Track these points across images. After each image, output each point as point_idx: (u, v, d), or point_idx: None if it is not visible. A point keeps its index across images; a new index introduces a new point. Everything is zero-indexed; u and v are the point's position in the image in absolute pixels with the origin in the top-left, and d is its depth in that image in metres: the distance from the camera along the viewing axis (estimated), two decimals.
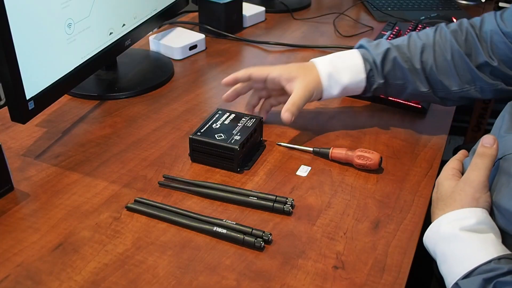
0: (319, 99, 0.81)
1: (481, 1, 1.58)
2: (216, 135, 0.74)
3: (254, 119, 0.78)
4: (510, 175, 0.58)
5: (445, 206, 0.61)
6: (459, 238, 0.56)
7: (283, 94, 0.82)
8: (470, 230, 0.56)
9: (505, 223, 0.58)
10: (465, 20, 0.80)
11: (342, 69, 0.79)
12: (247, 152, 0.76)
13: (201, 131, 0.75)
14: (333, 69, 0.79)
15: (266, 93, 0.85)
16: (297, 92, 0.77)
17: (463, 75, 0.77)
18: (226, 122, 0.78)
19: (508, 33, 0.73)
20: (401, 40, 0.82)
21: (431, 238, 0.60)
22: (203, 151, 0.74)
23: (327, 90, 0.79)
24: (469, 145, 0.78)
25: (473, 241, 0.56)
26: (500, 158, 0.61)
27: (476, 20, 0.80)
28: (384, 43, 0.81)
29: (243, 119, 0.78)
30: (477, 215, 0.58)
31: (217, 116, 0.79)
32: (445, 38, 0.79)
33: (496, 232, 0.58)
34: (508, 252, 0.55)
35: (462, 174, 0.64)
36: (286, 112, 0.76)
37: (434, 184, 0.68)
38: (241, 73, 0.81)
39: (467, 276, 0.54)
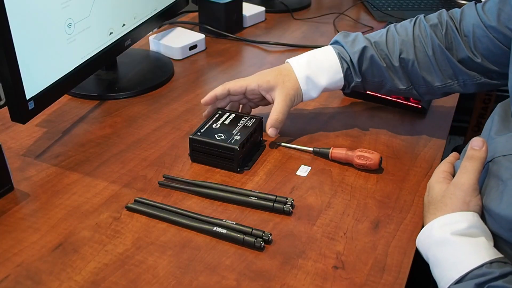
0: (300, 101, 0.82)
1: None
2: (216, 135, 0.74)
3: (254, 119, 0.78)
4: (499, 178, 0.58)
5: (436, 210, 0.61)
6: (450, 242, 0.56)
7: (263, 99, 0.83)
8: (461, 234, 0.56)
9: (496, 227, 0.58)
10: (444, 12, 0.79)
11: (319, 71, 0.79)
12: (247, 152, 0.76)
13: (201, 131, 0.75)
14: (311, 72, 0.79)
15: (246, 101, 0.85)
16: (278, 104, 0.78)
17: (445, 70, 0.77)
18: (226, 122, 0.78)
19: (491, 27, 0.71)
20: (379, 36, 0.80)
21: (423, 242, 0.60)
22: (203, 151, 0.74)
23: (307, 93, 0.80)
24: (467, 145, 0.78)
25: (465, 245, 0.55)
26: (490, 161, 0.61)
27: (456, 12, 0.78)
28: (361, 40, 0.79)
29: (243, 119, 0.78)
30: (468, 219, 0.57)
31: (217, 116, 0.79)
32: (425, 33, 0.77)
33: (488, 235, 0.57)
34: (500, 255, 0.55)
35: (454, 176, 0.64)
36: (271, 128, 0.78)
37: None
38: (219, 89, 0.80)
39: (459, 281, 0.53)
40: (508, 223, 0.55)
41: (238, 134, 0.74)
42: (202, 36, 1.16)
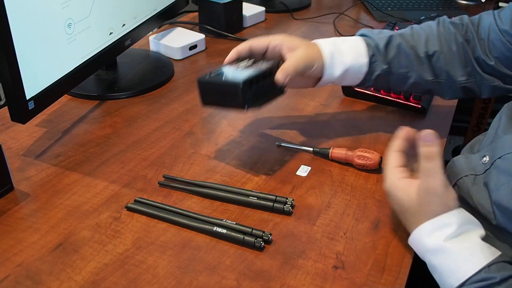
0: (319, 79, 0.77)
1: (481, 1, 1.58)
2: (224, 76, 0.71)
3: (272, 62, 0.73)
4: (509, 175, 0.58)
5: (416, 219, 0.58)
6: (445, 250, 0.55)
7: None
8: (454, 237, 0.55)
9: (505, 222, 0.58)
10: (465, 17, 0.80)
11: (344, 50, 0.76)
12: (259, 92, 0.70)
13: (211, 75, 0.72)
14: (336, 49, 0.75)
15: None
16: (297, 54, 0.72)
17: (466, 67, 0.77)
18: (240, 65, 0.74)
19: (505, 31, 0.73)
20: (403, 30, 0.80)
21: (417, 248, 0.59)
22: (211, 92, 0.71)
23: (329, 68, 0.75)
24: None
25: (460, 251, 0.54)
26: (499, 158, 0.61)
27: (475, 18, 0.80)
28: (386, 31, 0.79)
29: (260, 62, 0.73)
30: (455, 217, 0.56)
31: (232, 62, 0.76)
32: (448, 30, 0.78)
33: (478, 226, 0.57)
34: (496, 254, 0.54)
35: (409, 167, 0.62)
36: (281, 71, 0.70)
37: None
38: (241, 46, 0.76)
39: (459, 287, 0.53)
40: None
41: (248, 73, 0.69)
42: (202, 36, 1.16)
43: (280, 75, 0.70)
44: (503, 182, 0.59)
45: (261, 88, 0.70)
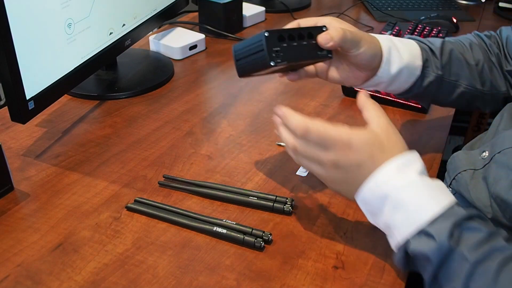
0: (372, 75, 0.69)
1: (481, 1, 1.58)
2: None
3: (316, 27, 0.65)
4: (509, 168, 0.59)
5: (379, 160, 0.54)
6: (417, 183, 0.52)
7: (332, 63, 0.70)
8: (423, 173, 0.54)
9: (502, 214, 0.59)
10: (492, 32, 0.80)
11: (401, 47, 0.70)
12: (293, 51, 0.64)
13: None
14: (393, 45, 0.69)
15: None
16: (346, 27, 0.66)
17: (505, 77, 0.77)
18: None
19: None
20: (448, 39, 0.78)
21: (377, 193, 0.54)
22: (243, 57, 0.68)
23: (386, 63, 0.68)
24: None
25: (432, 186, 0.53)
26: (498, 152, 0.62)
27: (498, 31, 0.80)
28: (434, 38, 0.76)
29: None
30: (418, 158, 0.55)
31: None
32: (483, 43, 0.78)
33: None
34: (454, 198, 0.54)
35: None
36: (326, 33, 0.63)
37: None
38: (289, 24, 0.68)
39: (433, 221, 0.50)
40: None
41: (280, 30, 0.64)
42: (202, 36, 1.16)
43: (323, 37, 0.63)
44: (502, 175, 0.59)
45: (297, 47, 0.64)
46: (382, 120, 0.57)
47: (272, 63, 0.62)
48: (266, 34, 0.63)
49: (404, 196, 0.52)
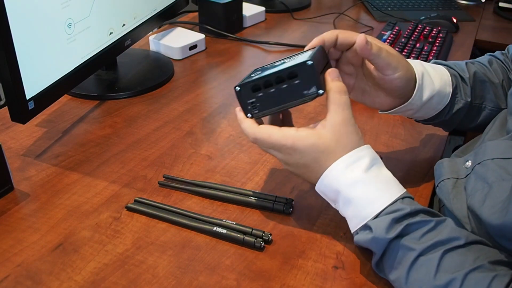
0: (402, 102, 0.67)
1: (481, 1, 1.58)
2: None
3: (296, 65, 0.58)
4: (485, 181, 0.58)
5: (331, 156, 0.56)
6: (364, 181, 0.55)
7: (357, 75, 0.68)
8: (369, 169, 0.56)
9: (477, 227, 0.58)
10: (503, 51, 0.80)
11: (432, 73, 0.68)
12: (272, 98, 0.59)
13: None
14: (425, 70, 0.68)
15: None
16: (383, 45, 0.63)
17: None
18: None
19: None
20: (469, 61, 0.76)
21: (329, 187, 0.57)
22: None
23: (419, 89, 0.66)
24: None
25: (377, 182, 0.56)
26: (478, 163, 0.61)
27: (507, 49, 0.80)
28: (459, 62, 0.75)
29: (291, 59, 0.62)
30: (368, 152, 0.57)
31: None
32: (499, 59, 0.77)
33: (383, 164, 0.58)
34: (404, 190, 0.57)
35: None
36: (365, 36, 0.61)
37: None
38: (328, 34, 0.63)
39: (376, 217, 0.55)
40: (489, 227, 0.55)
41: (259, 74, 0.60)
42: (202, 36, 1.16)
43: (361, 37, 0.60)
44: (479, 188, 0.58)
45: (277, 93, 0.59)
46: (336, 119, 0.57)
47: (249, 115, 0.60)
48: (237, 89, 0.59)
49: (352, 195, 0.56)
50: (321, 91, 0.58)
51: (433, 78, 0.68)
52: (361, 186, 0.56)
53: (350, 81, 0.68)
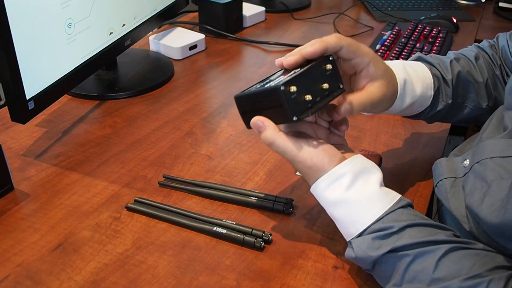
0: (382, 110, 0.66)
1: (481, 1, 1.58)
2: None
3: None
4: (484, 180, 0.58)
5: (315, 173, 0.57)
6: (344, 201, 0.55)
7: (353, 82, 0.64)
8: (351, 186, 0.55)
9: (475, 227, 0.58)
10: (492, 40, 0.79)
11: (414, 79, 0.67)
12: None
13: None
14: (408, 77, 0.66)
15: None
16: (372, 94, 0.60)
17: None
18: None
19: None
20: (454, 54, 0.76)
21: (319, 200, 0.58)
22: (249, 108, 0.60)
23: (401, 98, 0.65)
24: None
25: (359, 201, 0.55)
26: (477, 162, 0.61)
27: (496, 39, 0.79)
28: (443, 57, 0.74)
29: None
30: (348, 167, 0.55)
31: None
32: (487, 53, 0.77)
33: (375, 170, 0.57)
34: (395, 199, 0.55)
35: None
36: (348, 104, 0.58)
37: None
38: (332, 40, 0.57)
39: (359, 235, 0.55)
40: (488, 226, 0.55)
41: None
42: (202, 36, 1.16)
43: (345, 108, 0.58)
44: (477, 187, 0.58)
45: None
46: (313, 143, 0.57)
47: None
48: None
49: (335, 214, 0.57)
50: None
51: (415, 84, 0.67)
52: (343, 206, 0.55)
53: None
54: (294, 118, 0.54)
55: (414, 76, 0.68)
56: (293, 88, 0.53)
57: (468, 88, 0.73)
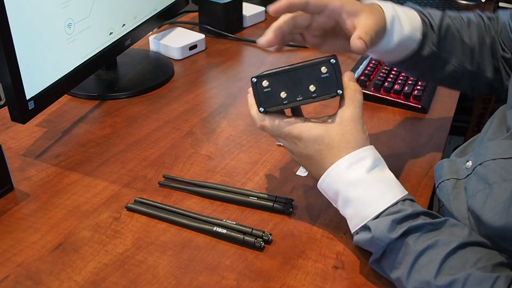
0: (375, 44, 0.66)
1: (481, 1, 1.58)
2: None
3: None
4: (486, 182, 0.58)
5: (335, 153, 0.57)
6: (364, 181, 0.56)
7: (331, 36, 0.66)
8: (372, 169, 0.56)
9: (476, 228, 0.58)
10: (494, 15, 0.78)
11: (403, 19, 0.67)
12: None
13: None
14: (396, 15, 0.66)
15: (309, 36, 0.67)
16: (367, 21, 0.61)
17: (495, 63, 0.75)
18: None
19: None
20: (448, 12, 0.75)
21: (329, 185, 0.58)
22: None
23: (389, 35, 0.65)
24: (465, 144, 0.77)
25: (379, 183, 0.56)
26: (480, 164, 0.61)
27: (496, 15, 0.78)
28: (435, 10, 0.74)
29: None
30: (370, 153, 0.58)
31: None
32: (483, 21, 0.76)
33: (386, 165, 0.59)
34: (406, 192, 0.57)
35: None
36: (359, 40, 0.58)
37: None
38: None
39: (376, 217, 0.55)
40: (490, 229, 0.55)
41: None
42: (202, 36, 1.16)
43: (358, 44, 0.58)
44: (480, 189, 0.58)
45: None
46: (345, 114, 0.59)
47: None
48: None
49: (352, 194, 0.56)
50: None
51: (404, 23, 0.67)
52: (363, 186, 0.56)
53: (319, 42, 0.68)
54: (261, 109, 0.60)
55: (403, 15, 0.68)
56: (265, 83, 0.59)
57: (455, 44, 0.73)
